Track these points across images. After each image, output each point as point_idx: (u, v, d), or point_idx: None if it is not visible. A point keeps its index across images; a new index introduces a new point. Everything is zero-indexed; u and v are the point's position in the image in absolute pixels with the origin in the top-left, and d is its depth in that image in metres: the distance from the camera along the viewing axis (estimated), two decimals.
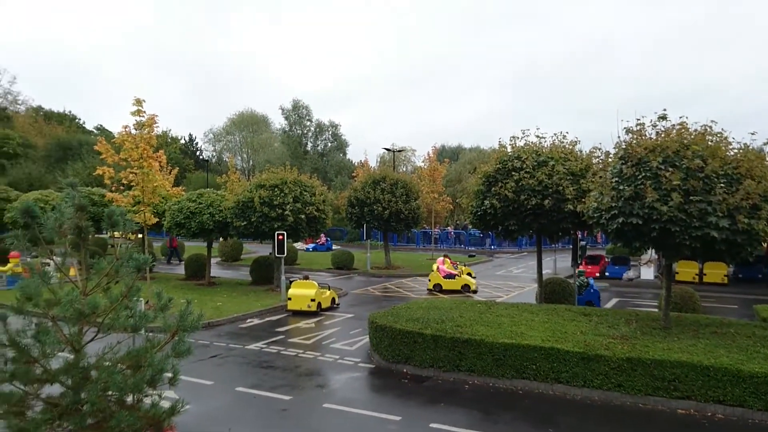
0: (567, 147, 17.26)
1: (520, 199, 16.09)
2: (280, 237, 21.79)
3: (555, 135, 17.59)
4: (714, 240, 11.20)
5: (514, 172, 16.41)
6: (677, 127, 12.34)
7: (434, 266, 26.41)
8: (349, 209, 32.71)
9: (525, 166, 16.31)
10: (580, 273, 20.33)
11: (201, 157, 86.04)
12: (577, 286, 20.04)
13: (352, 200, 32.30)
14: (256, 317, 19.38)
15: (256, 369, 13.23)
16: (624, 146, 12.74)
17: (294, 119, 77.72)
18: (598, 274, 28.98)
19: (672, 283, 14.62)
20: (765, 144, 12.26)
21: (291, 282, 21.10)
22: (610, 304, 21.89)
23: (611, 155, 13.51)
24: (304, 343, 15.65)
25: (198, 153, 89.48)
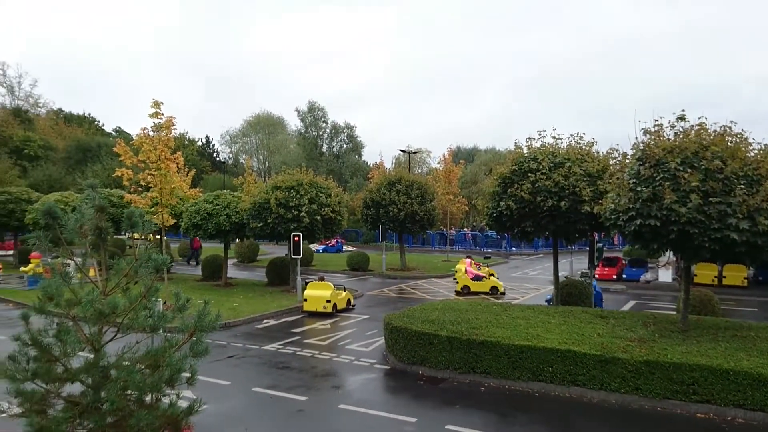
0: (584, 148, 17.13)
1: (537, 200, 15.99)
2: (296, 238, 21.87)
3: (572, 136, 17.48)
4: (734, 242, 11.05)
5: (530, 174, 16.31)
6: (696, 128, 12.20)
7: (460, 267, 26.62)
8: (364, 211, 32.75)
9: (541, 167, 16.20)
10: (584, 274, 20.44)
11: (218, 158, 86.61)
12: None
13: (368, 202, 32.33)
14: (272, 318, 19.48)
15: (273, 369, 13.30)
16: (642, 147, 12.62)
17: (310, 121, 77.96)
18: (615, 276, 28.76)
19: (690, 285, 14.45)
20: None
21: (307, 283, 21.17)
22: (627, 306, 21.69)
23: (628, 156, 13.39)
24: (320, 344, 15.70)
25: (215, 155, 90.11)
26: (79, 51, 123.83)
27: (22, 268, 28.54)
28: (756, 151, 11.86)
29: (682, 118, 12.39)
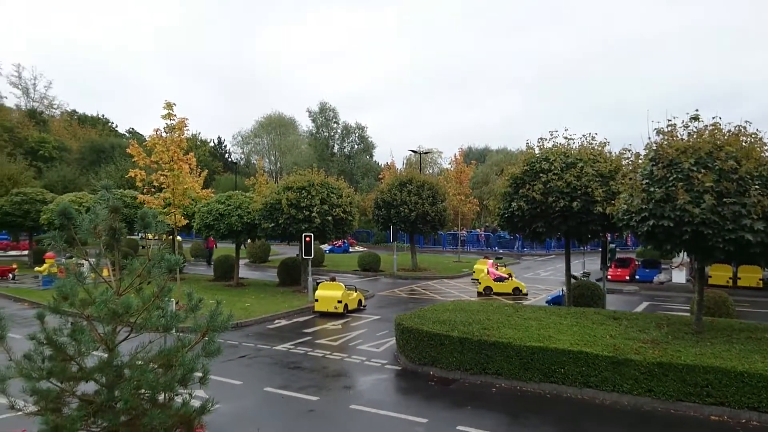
0: (596, 148, 17.03)
1: (548, 201, 15.92)
2: (308, 239, 21.94)
3: (584, 136, 17.37)
4: (749, 243, 10.94)
5: (542, 174, 16.25)
6: (710, 128, 12.09)
7: (479, 268, 26.82)
8: (375, 211, 32.80)
9: (553, 167, 16.13)
10: (585, 275, 20.53)
11: (230, 159, 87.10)
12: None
13: (379, 202, 32.38)
14: (283, 318, 19.55)
15: (284, 370, 13.35)
16: (655, 147, 12.53)
17: (321, 122, 78.19)
18: (628, 277, 28.56)
19: (705, 286, 14.33)
20: None
21: (318, 283, 21.23)
22: (641, 307, 21.55)
23: (641, 157, 13.30)
24: (331, 345, 15.74)
25: (227, 155, 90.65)
26: (93, 53, 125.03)
27: (36, 268, 28.90)
28: None
29: (695, 118, 12.29)
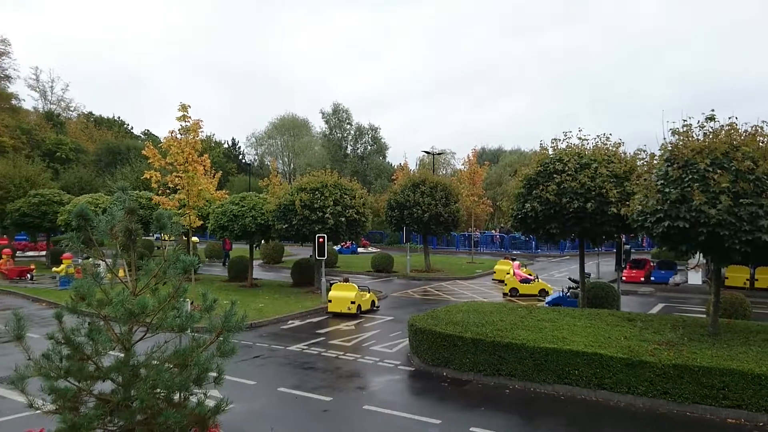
0: (610, 149, 16.90)
1: (562, 202, 15.84)
2: (321, 240, 22.00)
3: (598, 137, 17.26)
4: (765, 244, 10.81)
5: (555, 175, 16.16)
6: (726, 128, 11.96)
7: (500, 268, 26.89)
8: (388, 212, 32.82)
9: (567, 168, 16.04)
10: (587, 275, 20.35)
11: (243, 160, 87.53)
12: (580, 290, 19.94)
13: (392, 203, 32.40)
14: (297, 319, 19.63)
15: (298, 370, 13.41)
16: (670, 148, 12.42)
17: (334, 123, 78.38)
18: (643, 279, 28.33)
19: (721, 288, 14.18)
20: None
21: (331, 284, 21.30)
22: (656, 309, 21.37)
23: (656, 157, 13.20)
24: (345, 345, 15.78)
25: (240, 157, 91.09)
26: (109, 54, 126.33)
27: (54, 269, 29.24)
28: None
29: (711, 119, 12.16)
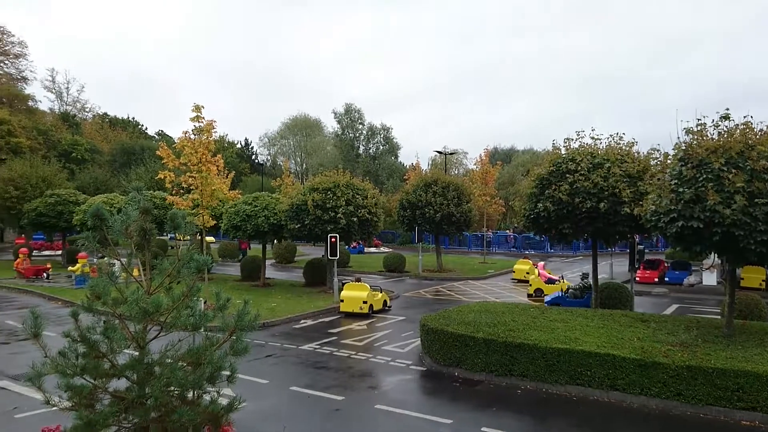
0: (624, 148, 16.81)
1: (575, 201, 15.78)
2: (333, 239, 22.07)
3: (611, 136, 17.19)
4: None
5: (568, 175, 16.10)
6: (741, 127, 11.85)
7: (519, 267, 27.36)
8: (400, 212, 32.85)
9: (579, 168, 15.98)
10: (584, 276, 20.58)
11: (256, 161, 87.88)
12: (579, 288, 20.14)
13: (404, 203, 32.43)
14: (309, 318, 19.71)
15: (310, 369, 13.48)
16: (684, 147, 12.32)
17: (346, 123, 78.43)
18: (656, 279, 28.11)
19: (736, 289, 14.05)
20: None
21: (344, 284, 21.36)
22: (670, 310, 21.20)
23: (670, 157, 13.10)
24: (357, 345, 15.82)
25: (253, 157, 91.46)
26: (123, 55, 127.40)
27: (69, 268, 29.60)
28: None
29: (726, 118, 12.04)
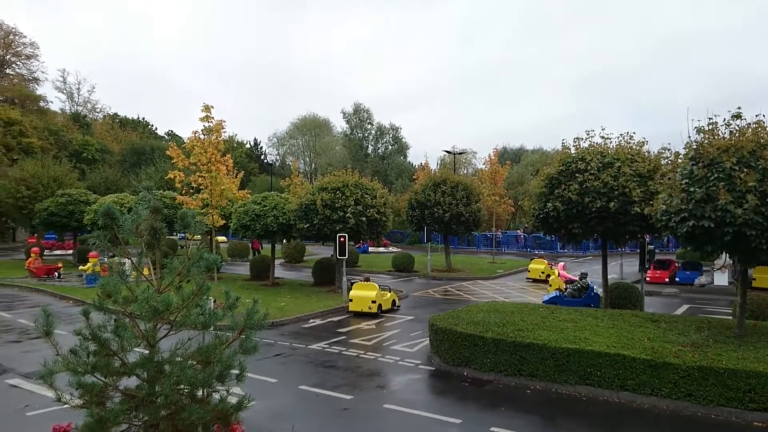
0: (634, 148, 16.71)
1: (584, 201, 15.70)
2: (342, 239, 22.09)
3: (621, 135, 17.09)
4: None
5: (578, 174, 16.03)
6: (753, 126, 11.74)
7: (533, 267, 28.47)
8: (409, 212, 32.84)
9: (589, 167, 15.90)
10: (584, 275, 20.58)
11: (265, 160, 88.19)
12: (577, 288, 20.06)
13: (413, 203, 32.42)
14: (318, 318, 19.74)
15: (319, 368, 13.50)
16: (695, 146, 12.23)
17: (355, 123, 78.54)
18: (667, 279, 27.94)
19: (748, 289, 13.93)
20: None
21: (352, 284, 21.38)
22: (680, 310, 21.06)
23: (681, 156, 13.01)
24: (365, 344, 15.83)
25: (262, 157, 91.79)
26: (133, 56, 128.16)
27: (80, 267, 29.82)
28: None
29: (737, 116, 11.93)
